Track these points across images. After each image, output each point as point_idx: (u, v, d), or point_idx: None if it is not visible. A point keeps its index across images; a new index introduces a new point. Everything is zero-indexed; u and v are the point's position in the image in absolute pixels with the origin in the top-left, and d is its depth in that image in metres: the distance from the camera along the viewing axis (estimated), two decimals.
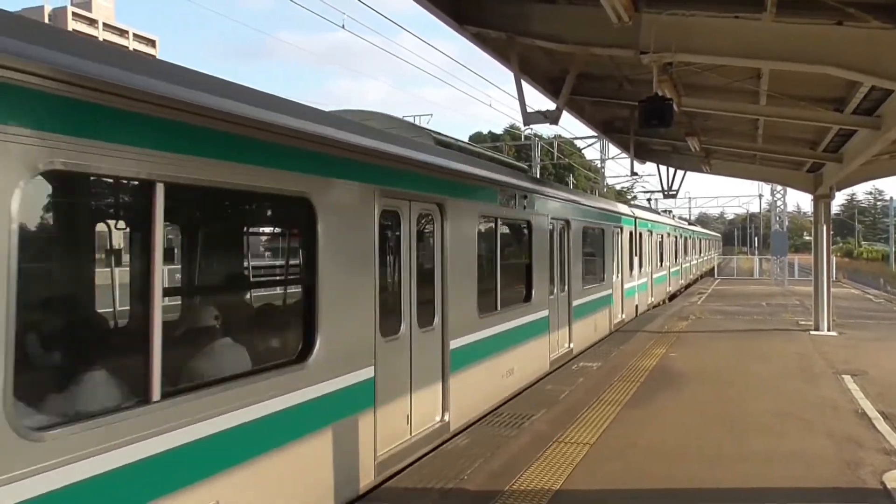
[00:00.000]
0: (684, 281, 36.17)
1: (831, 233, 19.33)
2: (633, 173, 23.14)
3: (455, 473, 6.88)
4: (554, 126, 34.65)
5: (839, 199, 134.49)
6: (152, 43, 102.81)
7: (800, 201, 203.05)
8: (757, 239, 72.38)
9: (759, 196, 69.07)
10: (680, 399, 10.21)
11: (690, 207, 76.24)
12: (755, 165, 19.78)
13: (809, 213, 44.39)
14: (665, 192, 24.49)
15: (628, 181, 52.60)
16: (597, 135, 34.38)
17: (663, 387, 10.99)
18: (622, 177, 53.64)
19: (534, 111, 11.91)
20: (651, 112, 9.23)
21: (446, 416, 8.40)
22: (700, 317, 21.84)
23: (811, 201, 19.38)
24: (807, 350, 14.87)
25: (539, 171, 45.83)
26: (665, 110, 9.20)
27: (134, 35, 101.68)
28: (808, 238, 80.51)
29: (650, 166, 23.58)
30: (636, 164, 21.13)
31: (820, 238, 18.33)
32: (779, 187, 48.98)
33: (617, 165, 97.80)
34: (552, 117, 11.87)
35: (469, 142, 14.92)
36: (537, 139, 45.30)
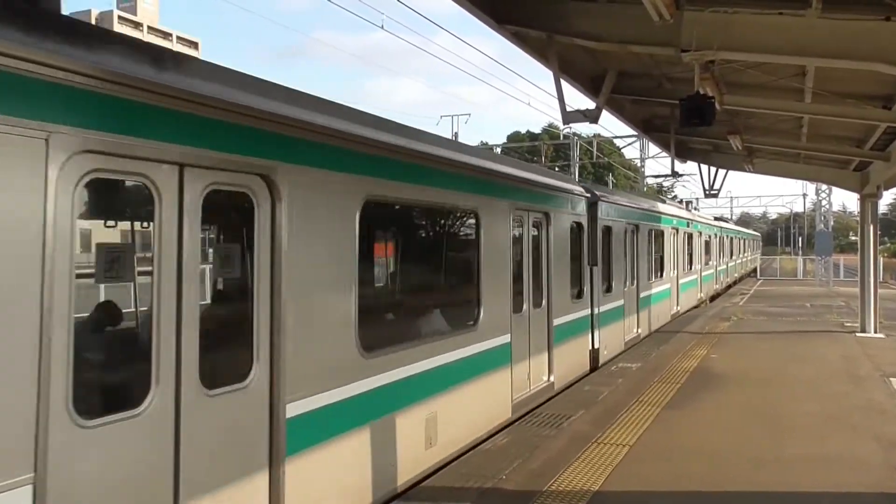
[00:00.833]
0: (718, 286, 33.06)
1: (878, 233, 18.93)
2: (673, 173, 22.82)
3: (493, 473, 6.90)
4: (593, 125, 34.39)
5: (886, 198, 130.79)
6: (195, 45, 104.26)
7: (845, 200, 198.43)
8: (801, 239, 70.78)
9: (804, 195, 67.53)
10: (721, 401, 10.09)
11: (732, 207, 75.16)
12: (799, 164, 19.45)
13: (855, 213, 43.43)
14: (707, 192, 24.08)
15: (663, 179, 51.11)
16: (636, 133, 34.14)
17: (704, 388, 10.87)
18: (660, 176, 52.55)
19: (573, 110, 11.85)
20: (692, 111, 9.17)
21: (552, 377, 10.57)
22: (742, 318, 21.52)
23: (857, 200, 19.01)
24: (853, 352, 14.54)
25: (577, 171, 45.56)
26: (706, 109, 9.12)
27: (177, 38, 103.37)
28: (853, 238, 78.76)
29: (690, 165, 23.19)
30: (677, 162, 20.91)
31: (866, 238, 17.95)
32: (824, 186, 47.89)
33: (657, 164, 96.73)
34: (591, 116, 11.84)
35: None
36: (576, 138, 45.06)
